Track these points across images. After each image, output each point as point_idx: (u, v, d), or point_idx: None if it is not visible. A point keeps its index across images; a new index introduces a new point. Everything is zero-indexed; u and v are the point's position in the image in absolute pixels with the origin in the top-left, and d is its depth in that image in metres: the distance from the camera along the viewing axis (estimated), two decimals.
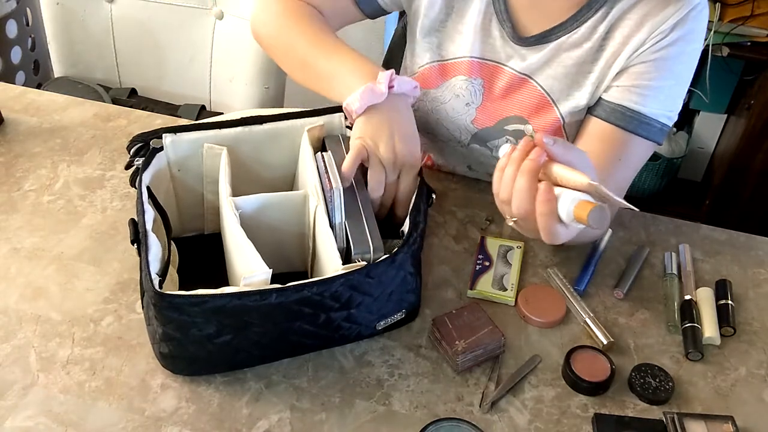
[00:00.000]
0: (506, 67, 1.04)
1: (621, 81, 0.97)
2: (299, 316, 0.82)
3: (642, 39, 0.94)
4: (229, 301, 0.77)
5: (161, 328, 0.81)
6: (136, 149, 0.94)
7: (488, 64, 1.05)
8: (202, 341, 0.81)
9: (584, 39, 0.98)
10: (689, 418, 0.83)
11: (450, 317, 0.92)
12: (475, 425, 0.76)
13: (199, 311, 0.78)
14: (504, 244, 1.04)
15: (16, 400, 0.83)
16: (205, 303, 0.77)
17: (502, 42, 1.03)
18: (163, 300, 0.77)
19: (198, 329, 0.80)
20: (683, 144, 2.17)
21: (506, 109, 1.07)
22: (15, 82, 1.97)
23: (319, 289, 0.79)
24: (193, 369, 0.86)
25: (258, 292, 0.77)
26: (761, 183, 2.04)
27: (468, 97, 1.08)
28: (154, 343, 0.86)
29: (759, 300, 1.00)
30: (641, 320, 0.97)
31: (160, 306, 0.78)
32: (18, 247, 1.01)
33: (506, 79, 1.05)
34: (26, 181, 1.12)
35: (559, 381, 0.89)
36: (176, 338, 0.81)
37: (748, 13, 1.83)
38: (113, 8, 1.67)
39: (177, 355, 0.84)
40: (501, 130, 1.08)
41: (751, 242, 1.09)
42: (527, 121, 1.06)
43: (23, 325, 0.91)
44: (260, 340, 0.84)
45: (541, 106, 1.04)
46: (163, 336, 0.82)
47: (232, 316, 0.79)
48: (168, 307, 0.78)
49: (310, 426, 0.83)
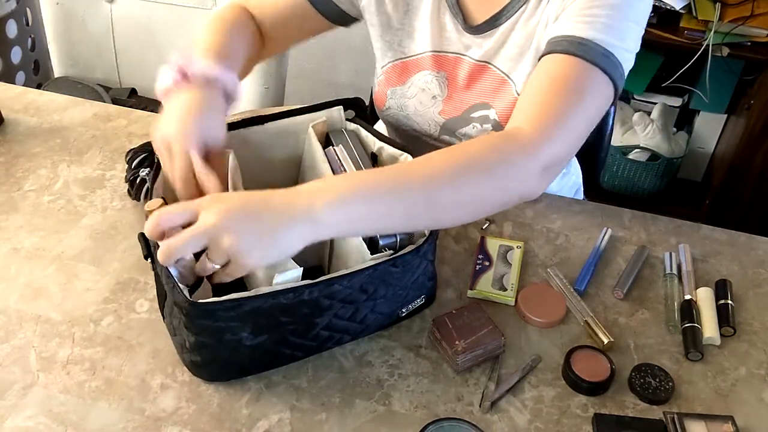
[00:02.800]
0: (466, 57, 1.06)
1: (557, 22, 0.93)
2: (330, 309, 0.82)
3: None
4: (265, 302, 0.77)
5: (193, 337, 0.80)
6: (139, 160, 0.94)
7: (448, 57, 1.08)
8: (236, 345, 0.81)
9: (531, 15, 0.99)
10: (689, 418, 0.83)
11: (450, 317, 0.92)
12: (475, 425, 0.76)
13: (235, 315, 0.78)
14: (504, 244, 1.04)
15: (16, 400, 0.83)
16: (241, 306, 0.77)
17: (458, 34, 1.05)
18: (196, 309, 0.77)
19: (232, 333, 0.79)
20: (683, 144, 2.17)
21: (471, 97, 1.09)
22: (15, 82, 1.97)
23: (349, 281, 0.80)
24: (227, 374, 0.86)
25: (292, 290, 0.78)
26: (761, 183, 2.04)
27: (434, 90, 1.11)
28: (182, 353, 0.86)
29: (759, 300, 1.00)
30: (641, 320, 0.97)
31: (192, 315, 0.78)
32: (18, 247, 1.01)
33: (467, 68, 1.07)
34: (26, 181, 1.12)
35: (559, 381, 0.89)
36: (209, 345, 0.81)
37: (748, 13, 1.83)
38: (113, 8, 1.67)
39: (210, 362, 0.84)
40: (468, 118, 1.10)
41: (751, 242, 1.09)
42: (490, 105, 1.07)
43: (23, 325, 0.91)
44: (292, 339, 0.84)
45: (501, 88, 1.05)
46: (195, 345, 0.81)
47: (266, 316, 0.79)
48: (201, 316, 0.78)
49: (310, 426, 0.83)
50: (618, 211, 1.12)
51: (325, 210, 0.73)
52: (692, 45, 1.82)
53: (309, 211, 0.73)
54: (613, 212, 1.12)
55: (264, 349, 0.83)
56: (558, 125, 0.83)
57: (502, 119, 1.07)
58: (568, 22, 0.90)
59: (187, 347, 0.83)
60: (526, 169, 0.81)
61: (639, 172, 2.14)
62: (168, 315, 0.86)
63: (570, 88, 0.86)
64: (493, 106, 1.07)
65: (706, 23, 1.83)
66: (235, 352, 0.82)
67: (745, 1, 1.84)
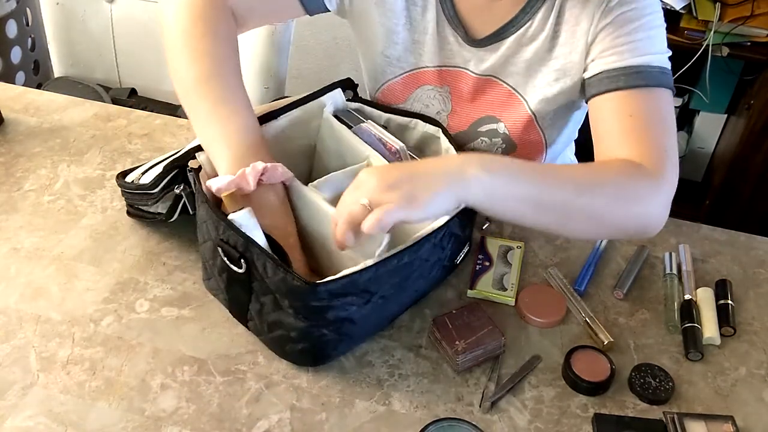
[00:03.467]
0: (467, 71, 1.05)
1: (593, 54, 0.95)
2: (420, 267, 0.88)
3: (591, 13, 0.93)
4: (376, 271, 0.81)
5: (304, 322, 0.82)
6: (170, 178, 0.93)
7: (450, 71, 1.05)
8: (344, 321, 0.84)
9: (539, 30, 0.98)
10: (689, 418, 0.83)
11: (450, 317, 0.92)
12: (475, 425, 0.76)
13: (352, 290, 0.81)
14: (504, 244, 1.04)
15: (16, 400, 0.83)
16: (357, 281, 0.80)
17: (458, 47, 1.03)
18: (314, 290, 0.78)
19: (343, 309, 0.82)
20: (683, 144, 2.17)
21: (477, 111, 1.08)
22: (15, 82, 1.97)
23: (434, 238, 0.86)
24: (332, 354, 0.89)
25: (394, 256, 0.82)
26: (761, 183, 2.04)
27: (438, 106, 1.09)
28: (285, 346, 0.87)
29: (759, 300, 1.00)
30: (641, 320, 0.97)
31: (310, 298, 0.80)
32: (18, 247, 1.01)
33: (471, 82, 1.05)
34: (26, 181, 1.12)
35: (559, 381, 0.89)
36: (321, 326, 0.83)
37: (748, 13, 1.83)
38: (113, 8, 1.67)
39: (318, 345, 0.86)
40: (475, 132, 1.09)
41: (751, 242, 1.09)
42: (499, 119, 1.06)
43: (23, 325, 0.91)
44: (389, 303, 0.88)
45: (509, 102, 1.05)
46: (304, 331, 0.83)
47: (371, 286, 0.82)
48: (321, 296, 0.80)
49: (310, 426, 0.83)
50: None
51: (476, 173, 0.78)
52: (692, 45, 1.82)
53: (461, 172, 0.78)
54: None
55: (367, 319, 0.86)
56: (668, 159, 0.88)
57: (512, 133, 1.07)
58: (612, 55, 0.93)
59: (293, 337, 0.84)
60: (658, 202, 0.87)
61: None
62: (257, 315, 0.87)
63: (657, 119, 0.91)
64: (502, 119, 1.06)
65: (706, 23, 1.83)
66: (341, 329, 0.84)
67: (745, 1, 1.84)
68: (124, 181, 1.01)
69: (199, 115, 0.91)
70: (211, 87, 0.91)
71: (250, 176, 0.84)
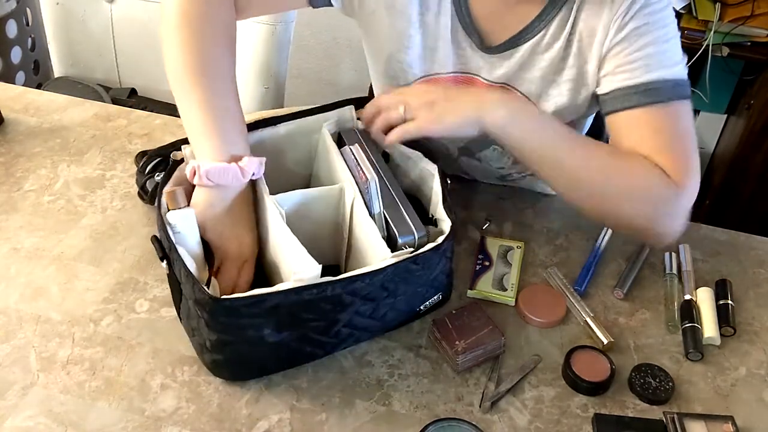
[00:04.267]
0: (480, 78, 1.03)
1: (607, 69, 0.95)
2: (351, 305, 0.83)
3: (606, 25, 0.93)
4: (286, 297, 0.78)
5: (215, 335, 0.81)
6: (153, 165, 0.94)
7: (463, 77, 1.04)
8: (258, 342, 0.81)
9: (554, 39, 0.97)
10: (689, 418, 0.83)
11: (450, 317, 0.92)
12: (475, 425, 0.76)
13: (258, 311, 0.78)
14: (504, 244, 1.04)
15: (16, 400, 0.83)
16: (264, 302, 0.78)
17: (472, 53, 1.01)
18: (218, 305, 0.77)
19: (255, 330, 0.80)
20: None
21: None
22: (15, 82, 1.97)
23: (371, 278, 0.81)
24: (248, 373, 0.86)
25: (314, 286, 0.78)
26: (761, 183, 2.04)
27: None
28: (202, 354, 0.86)
29: (759, 300, 1.00)
30: (641, 320, 0.97)
31: (215, 312, 0.78)
32: (18, 247, 1.01)
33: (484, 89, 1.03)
34: (26, 181, 1.12)
35: (559, 381, 0.89)
36: (232, 343, 0.81)
37: (748, 13, 1.83)
38: (113, 8, 1.67)
39: (232, 360, 0.84)
40: (487, 141, 1.06)
41: (751, 242, 1.09)
42: None
43: (23, 325, 0.91)
44: (314, 335, 0.85)
45: None
46: (216, 343, 0.82)
47: (288, 312, 0.80)
48: (225, 313, 0.78)
49: (310, 426, 0.83)
50: None
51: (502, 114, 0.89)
52: (692, 45, 1.82)
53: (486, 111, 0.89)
54: None
55: (286, 346, 0.84)
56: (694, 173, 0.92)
57: None
58: (626, 72, 0.93)
59: (208, 347, 0.83)
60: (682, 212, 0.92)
61: None
62: (185, 317, 0.86)
63: (675, 132, 0.94)
64: None
65: (706, 23, 1.83)
66: (257, 350, 0.83)
67: (745, 1, 1.84)
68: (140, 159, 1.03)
69: (188, 102, 0.90)
70: (204, 75, 0.90)
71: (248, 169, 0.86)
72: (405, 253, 0.83)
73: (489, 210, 1.11)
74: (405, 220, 0.87)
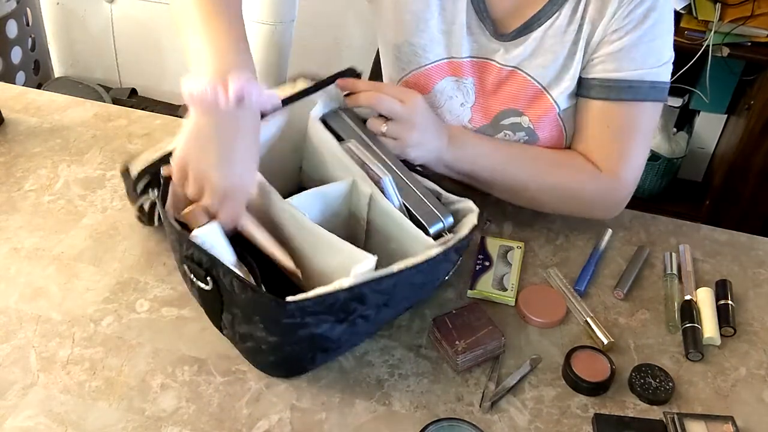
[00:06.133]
0: (494, 62, 1.04)
1: (598, 53, 0.98)
2: (400, 293, 0.85)
3: (612, 12, 0.95)
4: (350, 293, 0.78)
5: (275, 337, 0.81)
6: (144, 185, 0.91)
7: (476, 62, 1.05)
8: (315, 339, 0.82)
9: (568, 22, 0.98)
10: (689, 418, 0.83)
11: (450, 317, 0.92)
12: (475, 425, 0.76)
13: (321, 309, 0.78)
14: (504, 244, 1.04)
15: (16, 400, 0.83)
16: (327, 301, 0.77)
17: (486, 39, 1.03)
18: (284, 309, 0.76)
19: (315, 327, 0.80)
20: (683, 144, 2.17)
21: (500, 103, 1.07)
22: (15, 82, 1.97)
23: (425, 266, 0.83)
24: (303, 368, 0.87)
25: (376, 280, 0.79)
26: (761, 183, 2.04)
27: (461, 98, 1.08)
28: (256, 356, 0.86)
29: (759, 300, 1.00)
30: (641, 320, 0.97)
31: (278, 316, 0.78)
32: (18, 247, 1.01)
33: (495, 73, 1.05)
34: (26, 181, 1.12)
35: (559, 381, 0.89)
36: (290, 343, 0.82)
37: (749, 13, 1.83)
38: (113, 8, 1.67)
39: (290, 358, 0.85)
40: (498, 125, 1.08)
41: (751, 242, 1.09)
42: (522, 113, 1.06)
43: (23, 325, 0.91)
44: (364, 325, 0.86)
45: (534, 96, 1.04)
46: (275, 345, 0.82)
47: (342, 309, 0.80)
48: (289, 314, 0.77)
49: (310, 426, 0.83)
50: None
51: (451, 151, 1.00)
52: (692, 45, 1.82)
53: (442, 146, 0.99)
54: None
55: (339, 338, 0.85)
56: (637, 172, 1.03)
57: (537, 127, 1.06)
58: (611, 63, 0.96)
59: (264, 349, 0.83)
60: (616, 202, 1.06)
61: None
62: (230, 326, 0.85)
63: (636, 131, 1.01)
64: (526, 114, 1.06)
65: (706, 23, 1.83)
66: (315, 344, 0.83)
67: (746, 2, 1.84)
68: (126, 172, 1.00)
69: (191, 21, 0.84)
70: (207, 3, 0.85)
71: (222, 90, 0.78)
72: (453, 238, 0.86)
73: (489, 210, 1.11)
74: (429, 210, 0.89)
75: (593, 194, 1.04)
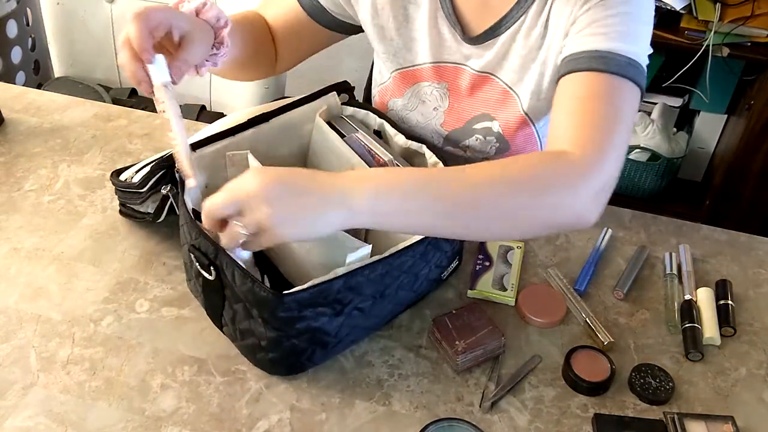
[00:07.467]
0: (466, 67, 1.04)
1: (568, 38, 0.92)
2: (396, 280, 0.86)
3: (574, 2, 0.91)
4: (345, 282, 0.80)
5: (273, 332, 0.81)
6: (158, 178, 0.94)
7: (449, 67, 1.05)
8: (314, 332, 0.83)
9: (532, 26, 0.97)
10: (689, 418, 0.83)
11: (450, 317, 0.92)
12: (475, 425, 0.76)
13: (318, 301, 0.80)
14: (504, 244, 1.04)
15: (16, 400, 0.83)
16: (324, 290, 0.79)
17: (457, 44, 1.03)
18: (281, 302, 0.78)
19: (314, 320, 0.81)
20: (683, 144, 2.17)
21: (473, 108, 1.08)
22: (15, 82, 1.97)
23: (414, 251, 0.85)
24: (304, 365, 0.87)
25: (367, 266, 0.81)
26: (761, 183, 2.04)
27: (435, 102, 1.09)
28: (255, 354, 0.86)
29: (759, 300, 1.00)
30: (641, 320, 0.97)
31: (277, 308, 0.79)
32: (18, 247, 1.01)
33: (468, 79, 1.05)
34: (26, 181, 1.12)
35: (559, 381, 0.89)
36: (290, 336, 0.82)
37: (748, 13, 1.83)
38: (113, 8, 1.67)
39: (289, 355, 0.85)
40: (470, 129, 1.09)
41: (751, 242, 1.09)
42: (493, 117, 1.07)
43: (23, 325, 0.91)
44: (362, 317, 0.86)
45: (504, 100, 1.05)
46: (273, 340, 0.82)
47: (341, 297, 0.81)
48: (287, 307, 0.79)
49: (310, 426, 0.83)
50: (618, 211, 1.12)
51: (362, 198, 0.72)
52: (692, 45, 1.82)
53: (345, 197, 0.72)
54: (614, 212, 1.12)
55: (337, 332, 0.85)
56: (606, 145, 0.80)
57: (505, 132, 1.07)
58: (584, 37, 0.89)
59: (263, 346, 0.83)
60: (579, 190, 0.78)
61: (639, 172, 2.13)
62: (231, 322, 0.86)
63: (607, 105, 0.84)
64: (496, 119, 1.06)
65: (706, 23, 1.83)
66: (314, 339, 0.84)
67: (746, 2, 1.84)
68: (117, 179, 1.02)
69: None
70: None
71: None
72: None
73: None
74: None
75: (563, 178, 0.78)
